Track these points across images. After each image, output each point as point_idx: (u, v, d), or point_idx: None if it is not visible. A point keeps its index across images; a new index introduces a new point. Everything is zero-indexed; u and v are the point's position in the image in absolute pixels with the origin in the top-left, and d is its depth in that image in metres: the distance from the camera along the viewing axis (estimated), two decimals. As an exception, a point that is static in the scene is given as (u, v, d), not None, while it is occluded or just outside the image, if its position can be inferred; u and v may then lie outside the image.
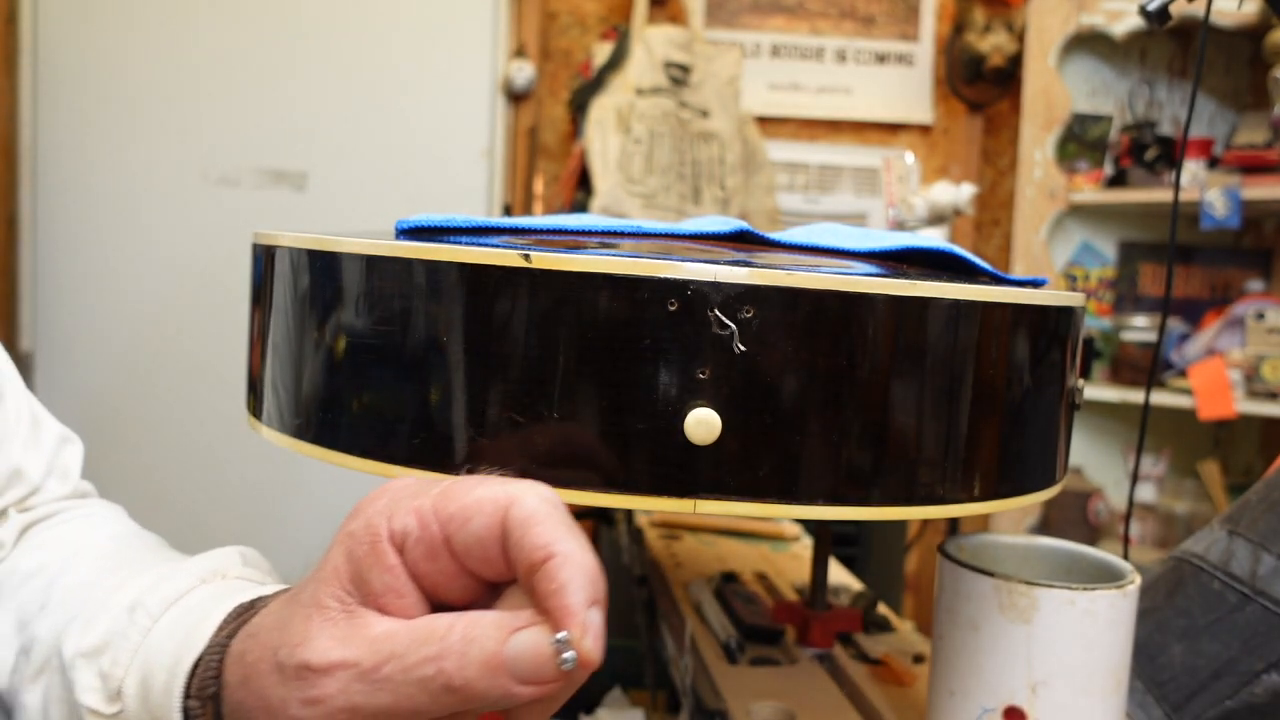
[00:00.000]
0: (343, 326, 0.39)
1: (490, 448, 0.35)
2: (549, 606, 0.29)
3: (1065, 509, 1.93)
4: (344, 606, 0.31)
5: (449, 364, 0.36)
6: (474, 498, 0.30)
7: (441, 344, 0.36)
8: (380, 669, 0.29)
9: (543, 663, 0.28)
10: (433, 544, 0.30)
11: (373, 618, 0.30)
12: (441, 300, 0.36)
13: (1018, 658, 0.47)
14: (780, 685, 0.63)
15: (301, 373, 0.41)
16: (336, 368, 0.39)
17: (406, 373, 0.36)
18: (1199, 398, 1.73)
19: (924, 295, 0.36)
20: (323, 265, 0.40)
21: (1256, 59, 1.93)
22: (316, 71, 1.99)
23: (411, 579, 0.30)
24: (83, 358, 1.96)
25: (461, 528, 0.30)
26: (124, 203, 1.96)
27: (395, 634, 0.29)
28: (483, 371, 0.35)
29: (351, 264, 0.38)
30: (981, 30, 2.06)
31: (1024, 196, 1.94)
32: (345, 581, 0.31)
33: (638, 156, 1.76)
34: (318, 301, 0.40)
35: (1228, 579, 0.61)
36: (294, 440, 0.41)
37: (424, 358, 0.36)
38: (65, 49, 1.93)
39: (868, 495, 0.36)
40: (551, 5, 2.08)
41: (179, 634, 0.38)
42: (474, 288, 0.35)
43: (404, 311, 0.36)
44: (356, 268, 0.38)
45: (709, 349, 0.34)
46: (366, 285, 0.38)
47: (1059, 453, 0.44)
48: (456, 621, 0.29)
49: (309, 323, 0.41)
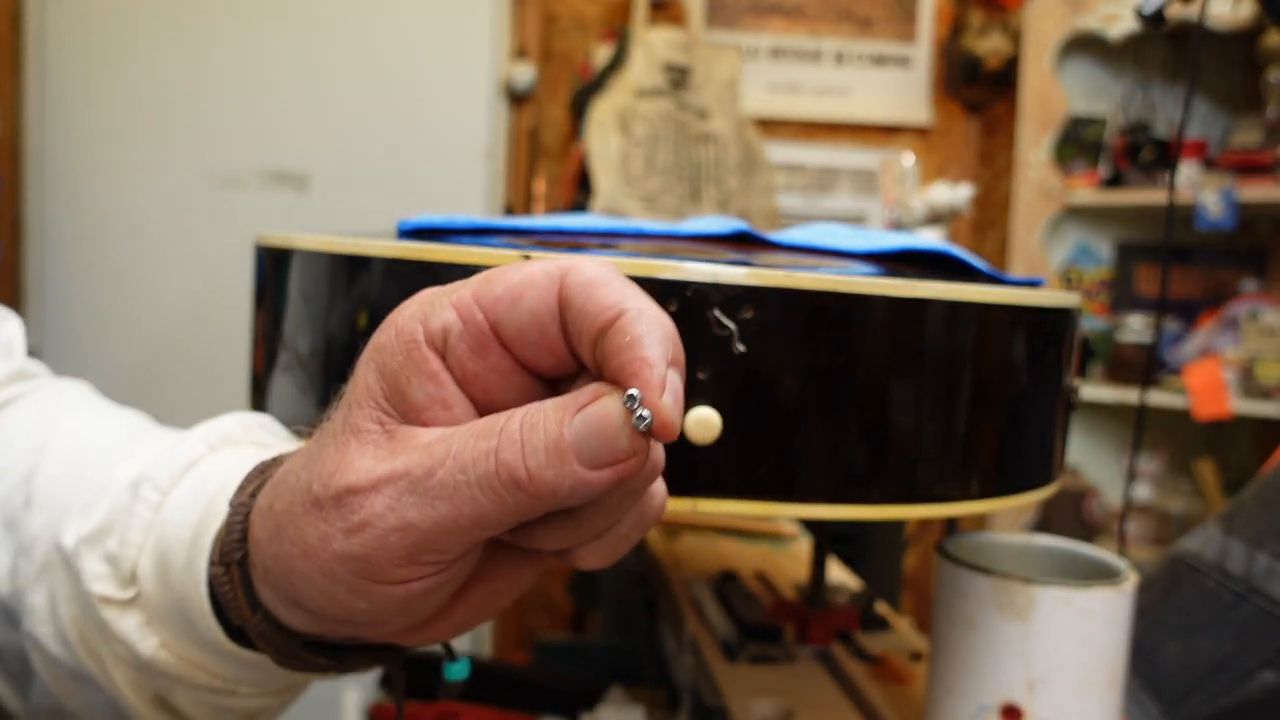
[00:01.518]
0: (344, 327, 0.39)
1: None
2: (620, 363, 0.24)
3: (1062, 508, 1.93)
4: (384, 428, 0.26)
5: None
6: (522, 275, 0.26)
7: (446, 344, 0.36)
8: (434, 474, 0.25)
9: (614, 432, 0.24)
10: (479, 335, 0.26)
11: (420, 430, 0.26)
12: (446, 301, 0.36)
13: (1015, 656, 0.47)
14: (779, 683, 0.63)
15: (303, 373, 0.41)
16: (337, 368, 0.39)
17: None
18: (1194, 397, 1.74)
19: (922, 296, 0.36)
20: (325, 266, 0.40)
21: (1251, 61, 1.94)
22: (319, 74, 1.99)
23: (458, 385, 0.26)
24: (88, 358, 1.97)
25: (511, 308, 0.25)
26: (128, 204, 1.96)
27: (449, 436, 0.25)
28: (487, 371, 0.35)
29: (354, 265, 0.39)
30: (978, 33, 2.07)
31: (1021, 198, 1.95)
32: (381, 400, 0.26)
33: (638, 158, 1.76)
34: (320, 302, 0.40)
35: (1223, 577, 0.61)
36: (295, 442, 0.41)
37: (428, 358, 0.36)
38: (70, 51, 1.93)
39: (866, 494, 0.37)
40: (552, 7, 2.08)
41: (197, 504, 0.34)
42: (478, 289, 0.35)
43: (409, 312, 0.37)
44: (359, 269, 0.39)
45: (709, 349, 0.34)
46: (368, 286, 0.38)
47: (1056, 452, 0.45)
48: (516, 412, 0.25)
49: (311, 323, 0.41)
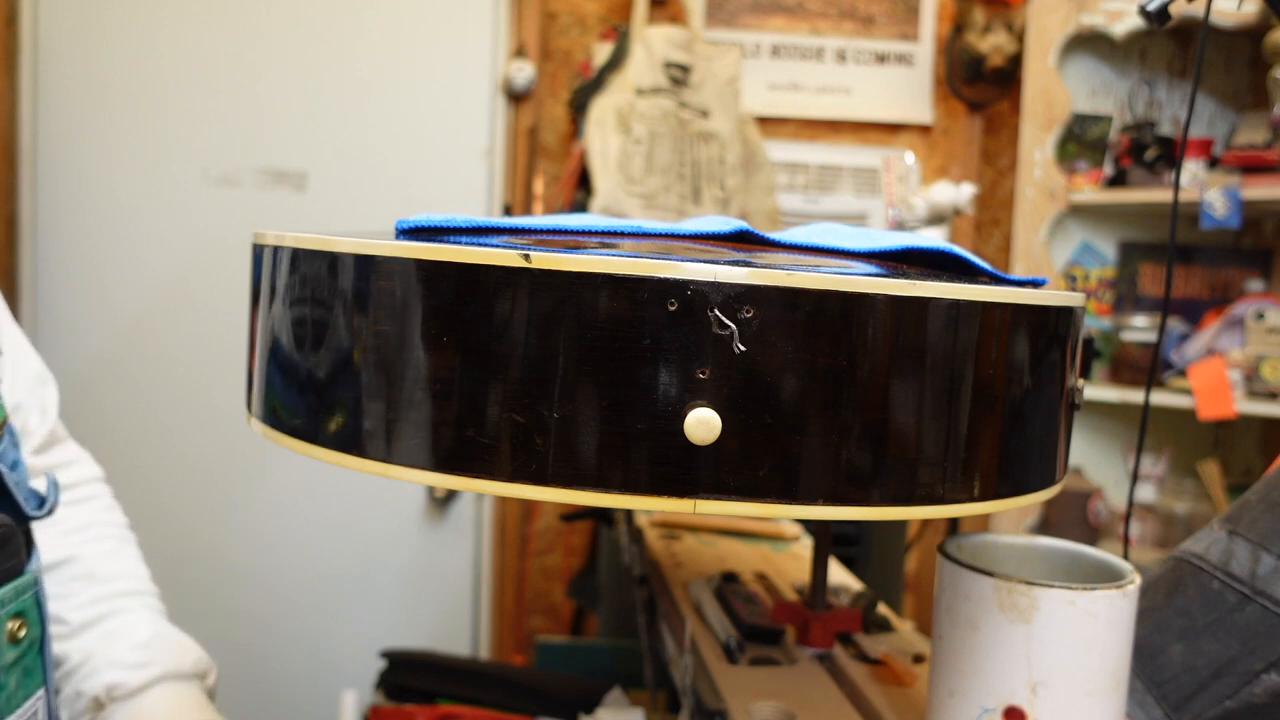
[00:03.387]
0: (342, 326, 0.39)
1: (490, 448, 0.35)
2: None
3: (1065, 509, 1.93)
4: None
5: (449, 364, 0.36)
6: None
7: (442, 344, 0.36)
8: None
9: None
10: None
11: None
12: (441, 300, 0.36)
13: (1018, 658, 0.47)
14: (780, 685, 0.63)
15: (301, 373, 0.41)
16: (336, 368, 0.39)
17: (406, 373, 0.36)
18: (1199, 398, 1.73)
19: (924, 295, 0.36)
20: (323, 265, 0.40)
21: (1256, 59, 1.93)
22: (317, 72, 1.99)
23: None
24: (83, 357, 1.96)
25: None
26: (124, 203, 1.96)
27: None
28: (483, 371, 0.35)
29: (352, 264, 0.38)
30: (981, 30, 2.06)
31: (1024, 196, 1.94)
32: None
33: (638, 156, 1.76)
34: (317, 302, 0.40)
35: (1227, 579, 0.61)
36: (294, 440, 0.41)
37: (424, 358, 0.36)
38: (65, 50, 1.93)
39: (868, 495, 0.36)
40: (551, 5, 2.08)
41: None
42: (474, 288, 0.35)
43: (404, 312, 0.36)
44: (357, 268, 0.38)
45: (709, 349, 0.34)
46: (367, 285, 0.38)
47: (1059, 453, 0.44)
48: None
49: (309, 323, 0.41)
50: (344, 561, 2.04)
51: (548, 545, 2.15)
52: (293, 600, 2.04)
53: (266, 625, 2.03)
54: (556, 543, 2.14)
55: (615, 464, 0.34)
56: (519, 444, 0.35)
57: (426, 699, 1.15)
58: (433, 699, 1.15)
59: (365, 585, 2.06)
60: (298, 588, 2.03)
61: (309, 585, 2.04)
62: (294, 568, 2.03)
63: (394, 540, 2.06)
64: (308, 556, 2.03)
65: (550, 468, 0.35)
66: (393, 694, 1.18)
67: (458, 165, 2.04)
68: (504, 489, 0.35)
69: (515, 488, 0.35)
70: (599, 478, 0.34)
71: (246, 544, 2.01)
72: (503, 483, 0.35)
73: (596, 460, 0.34)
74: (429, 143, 2.03)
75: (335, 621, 2.05)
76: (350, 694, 1.11)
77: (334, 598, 2.05)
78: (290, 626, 2.04)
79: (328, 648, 2.05)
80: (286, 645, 2.05)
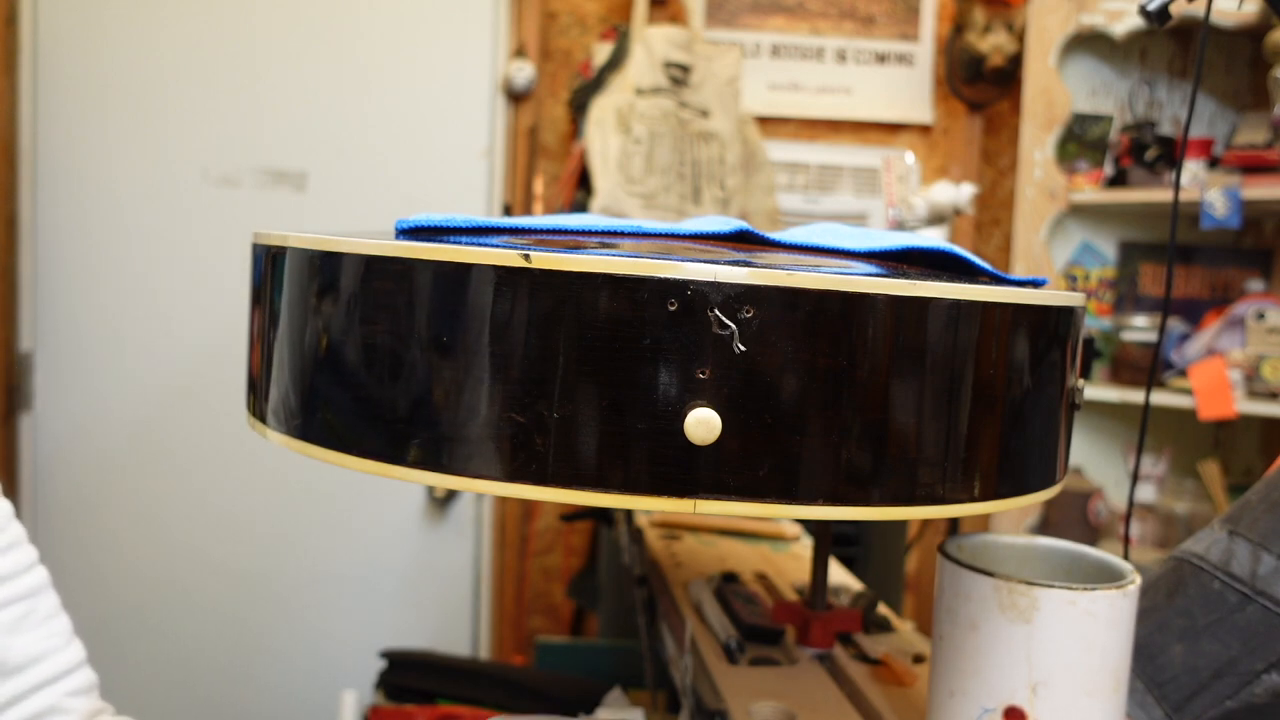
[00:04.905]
0: (343, 326, 0.39)
1: (490, 448, 0.35)
2: None
3: (1065, 509, 1.92)
4: None
5: (449, 364, 0.36)
6: None
7: (442, 344, 0.36)
8: None
9: None
10: None
11: None
12: (442, 300, 0.36)
13: (1018, 658, 0.47)
14: (780, 685, 0.63)
15: (302, 373, 0.41)
16: (337, 368, 0.39)
17: (407, 373, 0.36)
18: (1199, 398, 1.73)
19: (924, 295, 0.36)
20: (323, 265, 0.40)
21: (1257, 59, 1.93)
22: (316, 72, 1.99)
23: None
24: (83, 358, 1.96)
25: None
26: (124, 203, 1.96)
27: None
28: (483, 371, 0.35)
29: (352, 264, 0.38)
30: (981, 30, 2.06)
31: (1024, 196, 1.94)
32: None
33: (638, 156, 1.76)
34: (317, 301, 0.40)
35: (1228, 579, 0.61)
36: (294, 440, 0.41)
37: (424, 358, 0.36)
38: (65, 50, 1.93)
39: (868, 495, 0.36)
40: (551, 5, 2.08)
41: None
42: (474, 288, 0.35)
43: (404, 312, 0.36)
44: (356, 268, 0.38)
45: (709, 349, 0.34)
46: (366, 285, 0.38)
47: (1059, 453, 0.44)
48: None
49: (309, 322, 0.41)
50: (344, 561, 2.04)
51: (548, 545, 2.15)
52: (293, 600, 2.04)
53: (266, 625, 2.03)
54: (556, 543, 2.14)
55: (615, 464, 0.34)
56: (519, 444, 0.35)
57: (426, 699, 1.15)
58: (433, 699, 1.15)
59: (365, 585, 2.06)
60: (298, 588, 2.03)
61: (309, 585, 2.04)
62: (294, 568, 2.03)
63: (394, 540, 2.06)
64: (308, 557, 2.03)
65: (550, 468, 0.35)
66: (393, 694, 1.18)
67: (458, 165, 2.04)
68: (504, 489, 0.35)
69: (515, 488, 0.35)
70: (599, 478, 0.34)
71: (246, 544, 2.01)
72: (503, 483, 0.35)
73: (596, 460, 0.34)
74: (429, 143, 2.03)
75: (335, 621, 2.05)
76: (350, 694, 1.11)
77: (334, 598, 2.05)
78: (290, 627, 2.04)
79: (328, 648, 2.05)
80: (286, 645, 2.05)
